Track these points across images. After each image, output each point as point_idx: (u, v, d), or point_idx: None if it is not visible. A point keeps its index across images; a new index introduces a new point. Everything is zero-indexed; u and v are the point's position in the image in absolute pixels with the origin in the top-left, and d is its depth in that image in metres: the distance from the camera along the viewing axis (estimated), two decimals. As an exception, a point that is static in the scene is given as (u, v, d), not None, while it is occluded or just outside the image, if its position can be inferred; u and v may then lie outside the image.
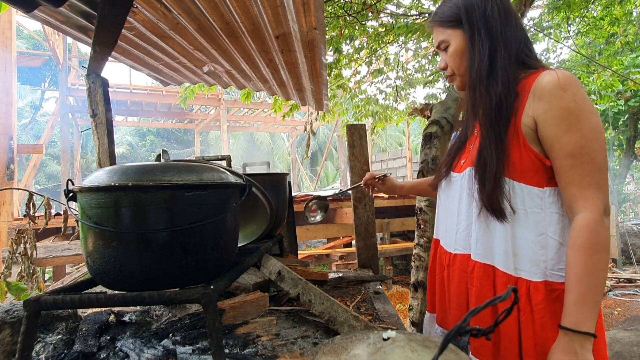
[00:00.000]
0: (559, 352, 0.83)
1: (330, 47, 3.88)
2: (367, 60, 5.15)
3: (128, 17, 1.75)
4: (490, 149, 0.93)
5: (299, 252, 2.25)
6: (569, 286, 0.85)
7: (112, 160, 1.78)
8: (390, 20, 4.37)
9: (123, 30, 1.87)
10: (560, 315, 0.86)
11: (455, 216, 1.06)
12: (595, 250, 0.83)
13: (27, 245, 2.03)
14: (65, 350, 0.90)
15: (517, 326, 0.92)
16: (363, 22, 4.12)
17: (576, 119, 0.86)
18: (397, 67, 5.38)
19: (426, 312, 1.26)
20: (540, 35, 5.52)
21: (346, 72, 5.45)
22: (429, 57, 5.25)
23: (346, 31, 4.01)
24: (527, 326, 0.90)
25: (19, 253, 1.99)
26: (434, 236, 1.21)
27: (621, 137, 10.23)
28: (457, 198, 1.06)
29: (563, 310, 0.85)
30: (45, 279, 4.77)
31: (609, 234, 0.86)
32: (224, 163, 1.43)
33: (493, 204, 0.92)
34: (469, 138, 1.09)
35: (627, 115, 9.64)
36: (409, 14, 4.29)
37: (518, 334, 0.91)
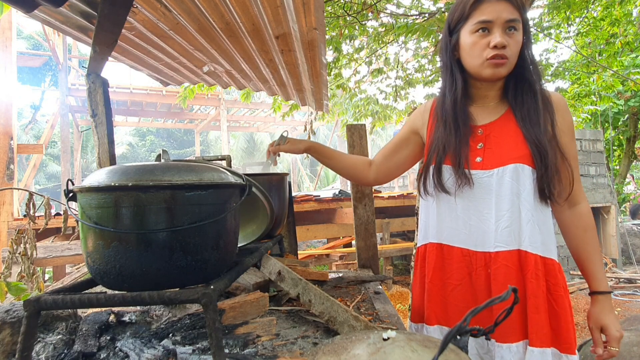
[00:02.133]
0: (608, 312, 1.05)
1: (330, 47, 3.88)
2: (367, 60, 5.15)
3: (128, 17, 1.75)
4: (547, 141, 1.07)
5: (298, 252, 2.25)
6: (591, 259, 1.08)
7: (112, 160, 1.78)
8: (390, 20, 4.37)
9: (123, 30, 1.86)
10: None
11: (492, 212, 1.04)
12: (595, 229, 1.11)
13: (27, 245, 2.03)
14: (65, 350, 0.90)
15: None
16: (363, 22, 4.12)
17: (574, 131, 1.13)
18: (397, 67, 5.37)
19: (413, 323, 1.21)
20: (541, 35, 5.51)
21: (346, 72, 5.45)
22: (429, 57, 5.24)
23: (346, 31, 4.01)
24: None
25: (19, 253, 1.99)
26: (432, 240, 1.15)
27: (621, 137, 10.21)
28: (491, 195, 1.05)
29: (593, 279, 1.07)
30: (45, 279, 4.77)
31: None
32: (224, 163, 1.43)
33: (555, 190, 1.05)
34: (470, 137, 1.10)
35: (627, 115, 9.63)
36: (409, 14, 4.29)
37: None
